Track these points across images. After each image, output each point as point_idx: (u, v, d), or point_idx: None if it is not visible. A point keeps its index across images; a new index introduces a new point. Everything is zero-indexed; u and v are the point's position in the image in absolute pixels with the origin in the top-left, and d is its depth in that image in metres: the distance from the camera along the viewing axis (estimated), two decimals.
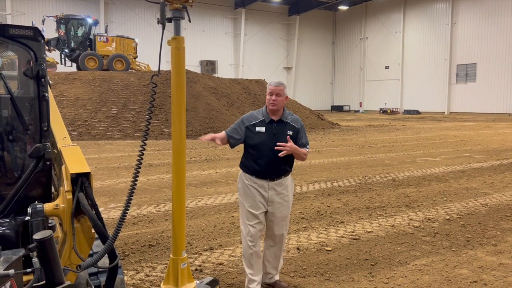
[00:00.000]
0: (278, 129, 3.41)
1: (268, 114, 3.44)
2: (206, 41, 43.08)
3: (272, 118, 3.43)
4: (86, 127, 16.83)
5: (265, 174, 3.38)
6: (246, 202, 3.43)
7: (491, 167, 9.91)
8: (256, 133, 3.40)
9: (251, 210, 3.41)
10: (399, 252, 4.50)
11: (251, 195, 3.41)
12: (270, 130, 3.40)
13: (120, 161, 10.97)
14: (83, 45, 23.13)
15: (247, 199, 3.43)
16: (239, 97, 21.53)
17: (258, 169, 3.38)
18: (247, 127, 3.43)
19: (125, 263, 4.22)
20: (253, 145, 3.41)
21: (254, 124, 3.42)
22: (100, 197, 7.02)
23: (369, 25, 47.69)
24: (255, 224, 3.42)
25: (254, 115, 3.49)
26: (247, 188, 3.43)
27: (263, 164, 3.36)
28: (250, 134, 3.41)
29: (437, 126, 23.96)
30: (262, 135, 3.38)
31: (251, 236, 3.42)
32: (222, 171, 9.55)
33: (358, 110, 47.67)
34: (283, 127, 3.43)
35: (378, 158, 11.51)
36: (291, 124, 3.47)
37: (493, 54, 35.83)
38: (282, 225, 3.52)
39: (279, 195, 3.43)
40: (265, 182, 3.40)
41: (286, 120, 3.46)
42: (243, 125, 3.44)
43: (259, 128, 3.40)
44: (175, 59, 2.34)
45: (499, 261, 4.24)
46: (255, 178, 3.41)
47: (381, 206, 6.42)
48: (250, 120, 3.45)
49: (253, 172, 3.41)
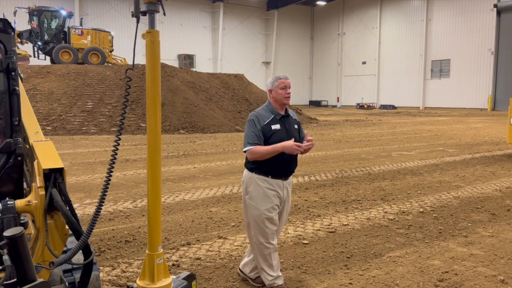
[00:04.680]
0: (289, 124, 3.43)
1: (277, 110, 3.39)
2: (184, 35, 42.70)
3: (282, 114, 3.41)
4: (61, 122, 16.48)
5: (282, 173, 3.34)
6: (263, 206, 3.30)
7: (463, 160, 10.18)
8: (274, 131, 3.30)
9: (269, 214, 3.31)
10: (374, 245, 4.59)
11: (269, 198, 3.31)
12: (284, 126, 3.38)
13: (96, 156, 10.80)
14: (57, 38, 22.60)
15: (263, 202, 3.31)
16: (218, 91, 21.44)
17: (273, 169, 3.30)
18: (263, 127, 3.29)
19: (101, 259, 4.17)
20: (271, 143, 3.26)
21: (268, 122, 3.31)
22: (76, 193, 6.91)
23: (346, 20, 48.13)
24: (273, 227, 3.37)
25: (262, 113, 3.36)
26: (263, 191, 3.31)
27: (283, 163, 3.30)
28: (267, 134, 3.28)
29: (412, 121, 24.43)
30: (280, 133, 3.31)
31: (270, 238, 3.36)
32: (200, 166, 9.52)
33: (335, 105, 48.15)
34: (291, 121, 3.46)
35: (354, 152, 11.67)
36: (293, 117, 3.51)
37: (466, 51, 36.70)
38: (284, 222, 3.58)
39: (288, 193, 3.46)
40: (280, 181, 3.35)
41: (289, 114, 3.49)
42: (259, 125, 3.29)
43: (274, 126, 3.31)
44: (150, 53, 2.32)
45: (470, 251, 4.38)
46: (271, 178, 3.31)
47: (357, 199, 6.53)
48: (264, 119, 3.32)
49: (270, 172, 3.30)
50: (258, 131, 3.28)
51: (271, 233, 3.36)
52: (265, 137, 3.29)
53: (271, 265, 3.41)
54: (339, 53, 49.04)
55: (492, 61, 35.13)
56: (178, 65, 37.10)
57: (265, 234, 3.35)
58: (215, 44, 45.10)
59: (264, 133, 3.29)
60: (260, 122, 3.31)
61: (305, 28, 52.27)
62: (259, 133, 3.27)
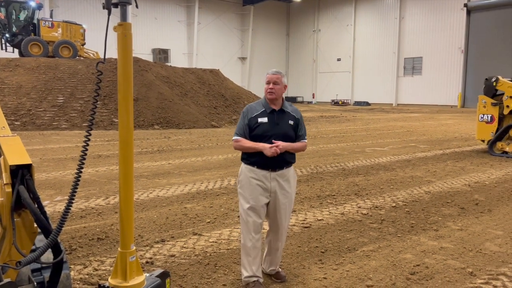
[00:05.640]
0: (280, 119, 3.41)
1: (269, 104, 3.42)
2: (158, 29, 42.09)
3: (273, 108, 3.42)
4: (30, 117, 16.01)
5: (267, 165, 3.35)
6: (248, 194, 3.38)
7: (434, 156, 10.43)
8: (259, 123, 3.36)
9: (253, 203, 3.36)
10: (348, 239, 4.65)
11: (253, 187, 3.36)
12: (272, 120, 3.38)
13: (67, 152, 10.54)
14: (26, 30, 21.89)
15: (248, 192, 3.38)
16: (193, 86, 21.25)
17: (260, 160, 3.33)
18: (249, 119, 3.39)
19: (72, 257, 4.08)
20: (255, 135, 3.36)
21: (256, 115, 3.40)
22: (46, 189, 6.74)
23: (321, 17, 48.47)
24: (256, 217, 3.38)
25: (254, 107, 3.47)
26: (248, 180, 3.38)
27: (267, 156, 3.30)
28: (252, 126, 3.38)
29: (385, 117, 24.87)
30: (265, 125, 3.36)
31: (251, 229, 3.37)
32: (175, 162, 9.42)
33: (311, 101, 48.51)
34: (284, 116, 3.44)
35: (329, 148, 11.79)
36: (292, 114, 3.48)
37: (437, 49, 37.56)
38: (284, 218, 3.49)
39: (281, 186, 3.41)
40: (267, 172, 3.36)
41: (286, 110, 3.46)
42: (246, 118, 3.41)
43: (261, 119, 3.37)
44: (122, 46, 2.26)
45: (440, 245, 4.49)
46: (257, 169, 3.36)
47: (332, 194, 6.60)
48: (252, 112, 3.42)
49: (255, 163, 3.36)
50: (245, 124, 3.40)
51: (254, 225, 3.37)
52: (250, 129, 3.39)
53: (250, 262, 3.41)
54: (315, 49, 49.35)
55: (462, 60, 36.09)
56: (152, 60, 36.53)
57: (248, 225, 3.39)
58: (190, 39, 44.64)
59: (250, 126, 3.39)
60: (248, 115, 3.42)
61: (281, 24, 52.36)
62: (246, 126, 3.39)
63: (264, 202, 3.40)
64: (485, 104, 10.62)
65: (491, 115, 10.54)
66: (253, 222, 3.38)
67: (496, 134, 10.43)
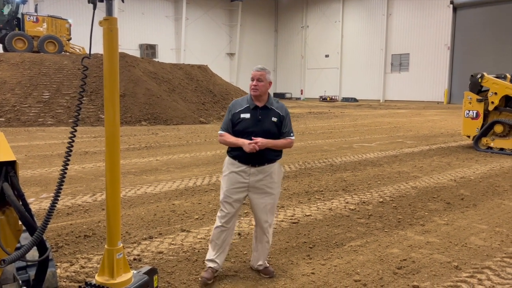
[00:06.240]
0: (263, 115, 3.42)
1: (253, 100, 3.44)
2: (145, 24, 41.71)
3: (257, 104, 3.43)
4: (15, 113, 15.76)
5: (247, 160, 3.38)
6: (225, 186, 3.48)
7: (421, 152, 10.54)
8: (241, 119, 3.41)
9: (228, 194, 3.46)
10: (335, 234, 4.68)
11: (232, 179, 3.45)
12: (255, 116, 3.41)
13: (53, 148, 10.41)
14: (10, 25, 21.49)
15: (226, 182, 3.48)
16: (181, 82, 21.12)
17: (241, 154, 3.38)
18: (233, 114, 3.45)
19: (59, 255, 4.03)
20: (237, 131, 3.41)
21: (239, 111, 3.44)
22: (31, 186, 6.65)
23: (310, 13, 48.51)
24: (228, 208, 3.47)
25: (239, 102, 3.52)
26: (229, 172, 3.47)
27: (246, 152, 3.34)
28: (235, 121, 3.43)
29: (373, 113, 25.04)
30: (247, 121, 3.40)
31: (222, 218, 3.50)
32: (163, 158, 9.37)
33: (299, 97, 48.62)
34: (268, 113, 3.45)
35: (317, 144, 11.84)
36: (276, 110, 3.48)
37: (424, 45, 37.90)
38: (266, 213, 3.53)
39: (261, 182, 3.44)
40: (246, 167, 3.40)
41: (271, 107, 3.47)
42: (230, 114, 3.47)
43: (244, 115, 3.42)
44: (108, 41, 2.23)
45: (426, 239, 4.54)
46: (238, 162, 3.42)
47: (320, 190, 6.63)
48: (236, 107, 3.47)
49: (237, 157, 3.42)
50: (228, 119, 3.48)
51: (226, 215, 3.49)
52: (233, 124, 3.45)
53: (215, 245, 3.53)
54: (303, 46, 49.42)
55: (448, 56, 36.49)
56: (139, 55, 36.23)
57: (221, 213, 3.51)
58: (178, 34, 44.34)
59: (233, 121, 3.45)
60: (232, 110, 3.48)
61: (269, 20, 52.27)
62: (229, 121, 3.47)
63: (240, 196, 3.47)
64: (471, 100, 10.76)
65: (476, 111, 10.68)
66: (226, 212, 3.49)
67: (481, 130, 10.58)
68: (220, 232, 3.51)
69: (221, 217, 3.51)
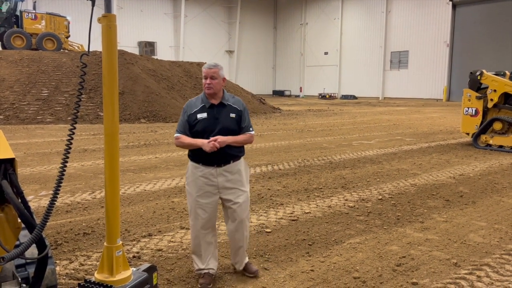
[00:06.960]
0: (220, 113, 3.33)
1: (208, 99, 3.34)
2: (144, 21, 41.59)
3: (212, 102, 3.33)
4: (14, 111, 15.73)
5: (211, 161, 3.28)
6: (195, 192, 3.34)
7: (420, 149, 10.55)
8: (198, 120, 3.29)
9: (200, 200, 3.33)
10: (335, 232, 4.68)
11: (200, 184, 3.32)
12: (212, 115, 3.31)
13: (52, 146, 10.40)
14: (9, 22, 21.44)
15: (195, 189, 3.34)
16: (180, 80, 21.09)
17: (204, 156, 3.27)
18: (189, 116, 3.32)
19: (58, 252, 4.03)
20: (196, 132, 3.29)
21: (195, 111, 3.31)
22: (30, 184, 6.64)
23: (309, 10, 48.41)
24: (204, 214, 3.35)
25: (194, 102, 3.39)
26: (195, 178, 3.33)
27: (209, 152, 3.23)
28: (192, 123, 3.30)
29: (372, 111, 25.03)
30: (205, 121, 3.29)
31: (199, 226, 3.36)
32: (162, 156, 9.37)
33: (298, 95, 48.57)
34: (225, 109, 3.35)
35: (316, 141, 11.84)
36: (233, 106, 3.39)
37: (423, 43, 37.85)
38: (240, 211, 3.41)
39: (230, 181, 3.35)
40: (212, 169, 3.30)
41: (227, 103, 3.37)
42: (186, 115, 3.33)
43: (200, 115, 3.29)
44: (107, 38, 2.22)
45: (425, 236, 4.55)
46: (202, 165, 3.30)
47: (319, 187, 6.63)
48: (191, 108, 3.34)
49: (200, 160, 3.31)
50: (184, 121, 3.34)
51: (201, 221, 3.36)
52: (190, 125, 3.32)
53: (200, 256, 3.43)
54: (302, 43, 49.33)
55: (448, 53, 36.45)
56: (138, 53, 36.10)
57: (196, 221, 3.39)
58: (177, 32, 44.23)
59: (189, 122, 3.32)
60: (188, 112, 3.35)
61: (268, 17, 52.15)
62: (185, 123, 3.33)
63: (212, 198, 3.36)
64: (470, 98, 10.76)
65: (475, 108, 10.68)
66: (201, 218, 3.36)
67: (481, 127, 10.58)
68: (200, 240, 3.38)
69: (195, 225, 3.39)
